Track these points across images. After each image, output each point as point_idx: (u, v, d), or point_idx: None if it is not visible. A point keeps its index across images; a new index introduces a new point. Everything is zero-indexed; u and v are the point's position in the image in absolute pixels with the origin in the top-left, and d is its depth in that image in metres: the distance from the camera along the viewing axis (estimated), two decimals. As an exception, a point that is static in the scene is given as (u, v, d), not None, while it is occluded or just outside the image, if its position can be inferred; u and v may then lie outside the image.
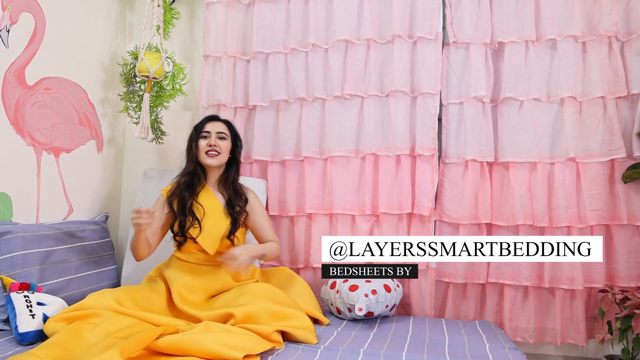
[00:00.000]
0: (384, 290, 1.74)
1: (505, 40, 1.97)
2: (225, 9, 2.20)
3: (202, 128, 1.78)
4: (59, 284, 1.68)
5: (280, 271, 1.85)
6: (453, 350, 1.42)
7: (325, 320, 1.68)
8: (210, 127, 1.78)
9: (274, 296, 1.54)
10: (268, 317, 1.44)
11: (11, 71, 1.70)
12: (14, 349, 1.32)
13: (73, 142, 2.01)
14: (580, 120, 1.91)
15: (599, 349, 1.98)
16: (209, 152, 1.75)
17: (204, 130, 1.77)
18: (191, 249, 1.69)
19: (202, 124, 1.80)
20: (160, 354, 1.22)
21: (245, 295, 1.54)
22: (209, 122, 1.81)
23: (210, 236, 1.67)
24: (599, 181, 1.88)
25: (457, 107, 2.01)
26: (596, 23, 1.89)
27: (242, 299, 1.51)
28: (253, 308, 1.44)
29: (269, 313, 1.44)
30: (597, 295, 1.89)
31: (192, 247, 1.69)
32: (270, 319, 1.44)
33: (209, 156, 1.75)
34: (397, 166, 2.02)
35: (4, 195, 1.68)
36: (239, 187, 1.82)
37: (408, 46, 2.02)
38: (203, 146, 1.76)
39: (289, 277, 1.81)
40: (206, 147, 1.75)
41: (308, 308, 1.64)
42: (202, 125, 1.79)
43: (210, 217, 1.70)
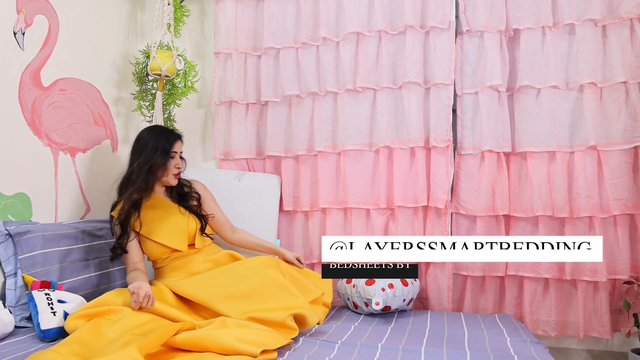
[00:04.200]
0: (401, 284, 1.72)
1: (520, 27, 1.91)
2: (235, 5, 2.20)
3: (171, 148, 1.69)
4: (78, 282, 1.70)
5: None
6: (473, 345, 1.39)
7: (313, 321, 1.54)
8: (177, 147, 1.72)
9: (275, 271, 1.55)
10: (276, 290, 1.46)
11: (27, 73, 1.72)
12: (37, 345, 1.35)
13: (89, 142, 2.04)
14: (601, 107, 1.85)
15: (625, 342, 1.92)
16: (176, 174, 1.71)
17: (172, 151, 1.69)
18: (162, 254, 1.67)
19: (171, 144, 1.69)
20: (178, 350, 1.23)
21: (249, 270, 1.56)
22: (177, 142, 1.72)
23: (174, 235, 1.66)
24: (622, 169, 1.82)
25: (471, 97, 1.97)
26: (617, 5, 1.82)
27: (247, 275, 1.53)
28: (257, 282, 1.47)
29: (276, 286, 1.47)
30: (621, 287, 1.84)
31: (162, 253, 1.66)
32: (277, 292, 1.46)
33: (175, 177, 1.72)
34: (412, 159, 2.00)
35: (23, 195, 1.71)
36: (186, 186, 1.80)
37: (420, 36, 1.99)
38: (171, 167, 1.70)
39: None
40: (174, 169, 1.70)
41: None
42: (171, 145, 1.69)
43: (167, 218, 1.68)
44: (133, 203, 1.62)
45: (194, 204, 1.78)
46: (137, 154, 1.68)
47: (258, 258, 1.63)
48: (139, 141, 1.71)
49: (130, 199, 1.61)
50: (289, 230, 2.16)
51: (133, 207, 1.63)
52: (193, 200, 1.79)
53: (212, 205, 1.84)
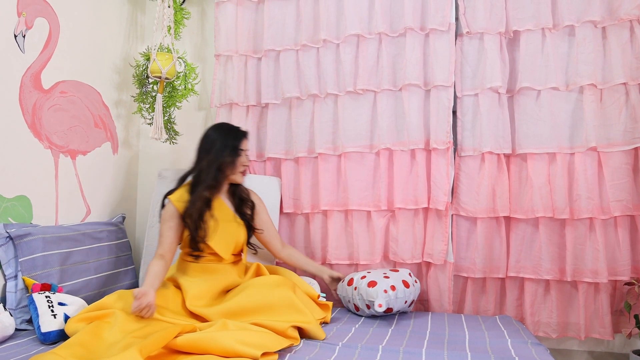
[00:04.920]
0: (403, 286, 1.72)
1: (520, 29, 1.92)
2: (236, 8, 2.20)
3: (240, 145, 1.71)
4: (78, 284, 1.70)
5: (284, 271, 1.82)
6: (474, 346, 1.39)
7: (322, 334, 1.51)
8: (244, 144, 1.74)
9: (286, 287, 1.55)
10: (285, 308, 1.45)
11: (28, 76, 1.72)
12: (37, 348, 1.35)
13: (89, 145, 2.04)
14: (601, 109, 1.86)
15: (626, 343, 1.92)
16: (243, 171, 1.73)
17: (240, 148, 1.71)
18: (202, 253, 1.67)
19: (240, 141, 1.72)
20: (179, 353, 1.22)
21: (253, 288, 1.55)
22: (244, 139, 1.74)
23: (224, 243, 1.67)
24: (622, 170, 1.82)
25: (471, 99, 1.97)
26: (617, 7, 1.83)
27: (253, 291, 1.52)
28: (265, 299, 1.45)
29: (286, 304, 1.46)
30: (622, 288, 1.84)
31: (204, 253, 1.67)
32: (285, 309, 1.45)
33: (243, 174, 1.74)
34: (412, 160, 2.00)
35: (23, 197, 1.71)
36: (245, 191, 1.82)
37: (420, 39, 1.99)
38: (239, 165, 1.72)
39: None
40: (242, 166, 1.72)
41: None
42: (240, 142, 1.72)
43: (223, 224, 1.69)
44: (205, 201, 1.64)
45: (247, 212, 1.79)
46: (205, 151, 1.69)
47: (274, 277, 1.62)
48: (206, 139, 1.72)
49: (201, 196, 1.63)
50: (289, 232, 2.16)
51: (205, 204, 1.64)
52: (248, 208, 1.80)
53: (265, 218, 1.86)
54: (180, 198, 1.66)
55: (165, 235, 1.63)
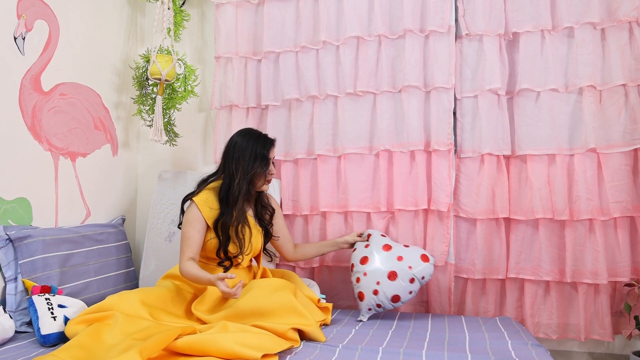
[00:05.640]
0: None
1: (520, 31, 1.92)
2: (235, 10, 2.20)
3: (269, 155, 1.68)
4: (78, 286, 1.70)
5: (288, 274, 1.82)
6: (474, 347, 1.39)
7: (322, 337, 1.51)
8: (272, 152, 1.72)
9: (287, 290, 1.54)
10: (284, 311, 1.44)
11: (27, 78, 1.72)
12: (37, 350, 1.35)
13: (89, 147, 2.04)
14: (600, 110, 1.86)
15: (626, 344, 1.92)
16: (269, 180, 1.72)
17: (269, 158, 1.69)
18: (219, 259, 1.66)
19: (269, 150, 1.69)
20: (179, 355, 1.22)
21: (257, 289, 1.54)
22: (272, 148, 1.72)
23: (250, 252, 1.69)
24: (621, 172, 1.82)
25: (471, 100, 1.98)
26: (615, 8, 1.83)
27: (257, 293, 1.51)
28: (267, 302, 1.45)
29: (285, 307, 1.45)
30: (622, 289, 1.84)
31: (222, 257, 1.65)
32: (286, 313, 1.44)
33: (268, 182, 1.73)
34: (412, 162, 2.00)
35: (23, 200, 1.71)
36: (266, 197, 1.82)
37: (420, 40, 1.99)
38: (269, 174, 1.70)
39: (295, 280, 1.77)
40: (269, 175, 1.70)
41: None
42: (269, 152, 1.69)
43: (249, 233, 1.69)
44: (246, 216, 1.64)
45: (267, 218, 1.79)
46: (234, 161, 1.65)
47: (276, 280, 1.61)
48: (234, 147, 1.68)
49: (242, 210, 1.62)
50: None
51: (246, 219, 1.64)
52: (267, 214, 1.80)
53: (281, 224, 1.87)
54: (205, 202, 1.63)
55: (193, 238, 1.59)
